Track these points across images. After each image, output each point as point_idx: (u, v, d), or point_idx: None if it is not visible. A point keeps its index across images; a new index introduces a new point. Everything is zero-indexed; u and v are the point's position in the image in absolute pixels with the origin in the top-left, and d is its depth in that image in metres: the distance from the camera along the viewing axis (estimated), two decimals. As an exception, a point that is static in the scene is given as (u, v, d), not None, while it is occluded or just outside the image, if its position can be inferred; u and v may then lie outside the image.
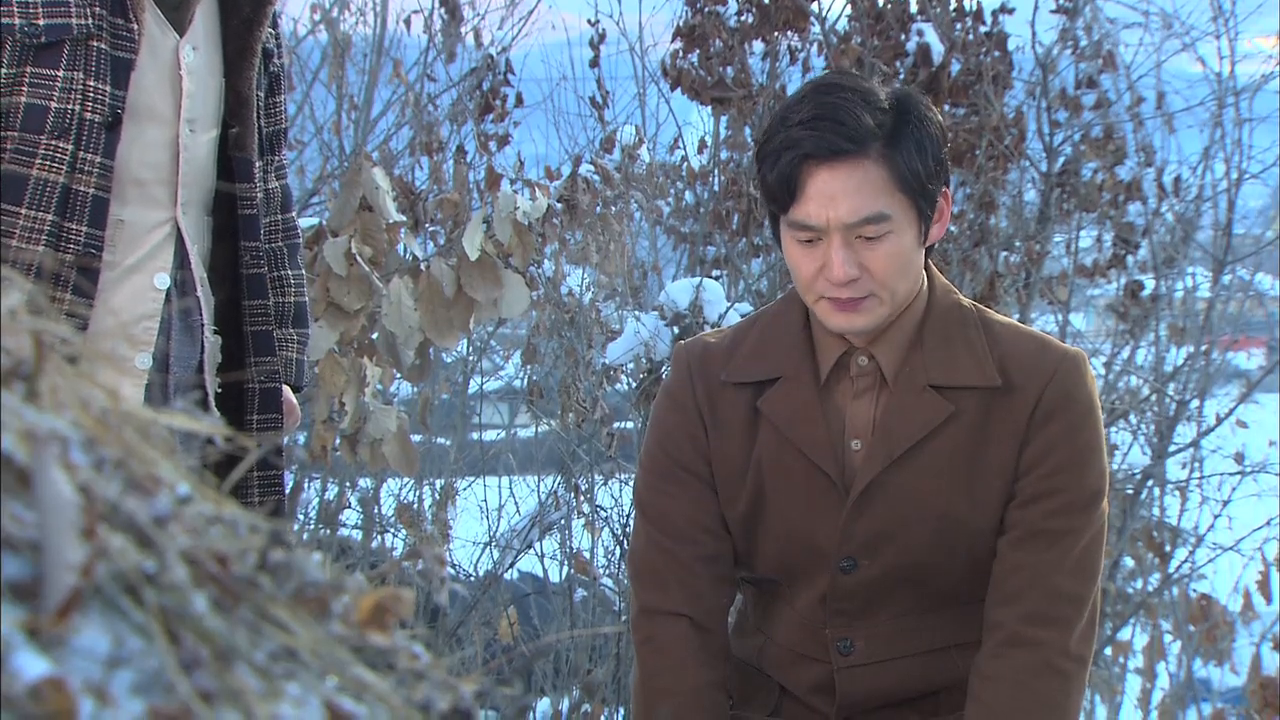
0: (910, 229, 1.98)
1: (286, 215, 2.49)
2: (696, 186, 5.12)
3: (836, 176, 1.94)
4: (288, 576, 0.67)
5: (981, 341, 2.05)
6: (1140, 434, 5.28)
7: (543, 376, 5.16)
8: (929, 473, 2.02)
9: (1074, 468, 2.01)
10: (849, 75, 2.13)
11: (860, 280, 1.96)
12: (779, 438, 2.08)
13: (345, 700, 0.64)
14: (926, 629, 2.09)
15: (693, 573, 2.11)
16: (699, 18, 5.04)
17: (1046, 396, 2.01)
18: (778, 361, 2.10)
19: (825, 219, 1.94)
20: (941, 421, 2.02)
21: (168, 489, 0.66)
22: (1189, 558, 5.13)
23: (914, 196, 1.97)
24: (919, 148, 1.97)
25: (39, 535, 0.59)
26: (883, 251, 1.96)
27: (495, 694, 0.76)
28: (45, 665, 0.54)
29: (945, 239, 4.96)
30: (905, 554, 2.05)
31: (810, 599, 2.12)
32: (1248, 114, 5.25)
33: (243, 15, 2.27)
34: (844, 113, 1.94)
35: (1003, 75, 4.89)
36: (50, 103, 2.07)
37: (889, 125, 1.96)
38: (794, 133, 1.95)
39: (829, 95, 1.97)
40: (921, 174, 1.97)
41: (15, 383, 0.64)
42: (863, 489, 2.03)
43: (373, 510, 5.23)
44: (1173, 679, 5.06)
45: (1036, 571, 2.00)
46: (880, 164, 1.95)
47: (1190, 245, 5.42)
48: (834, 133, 1.93)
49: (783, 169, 1.96)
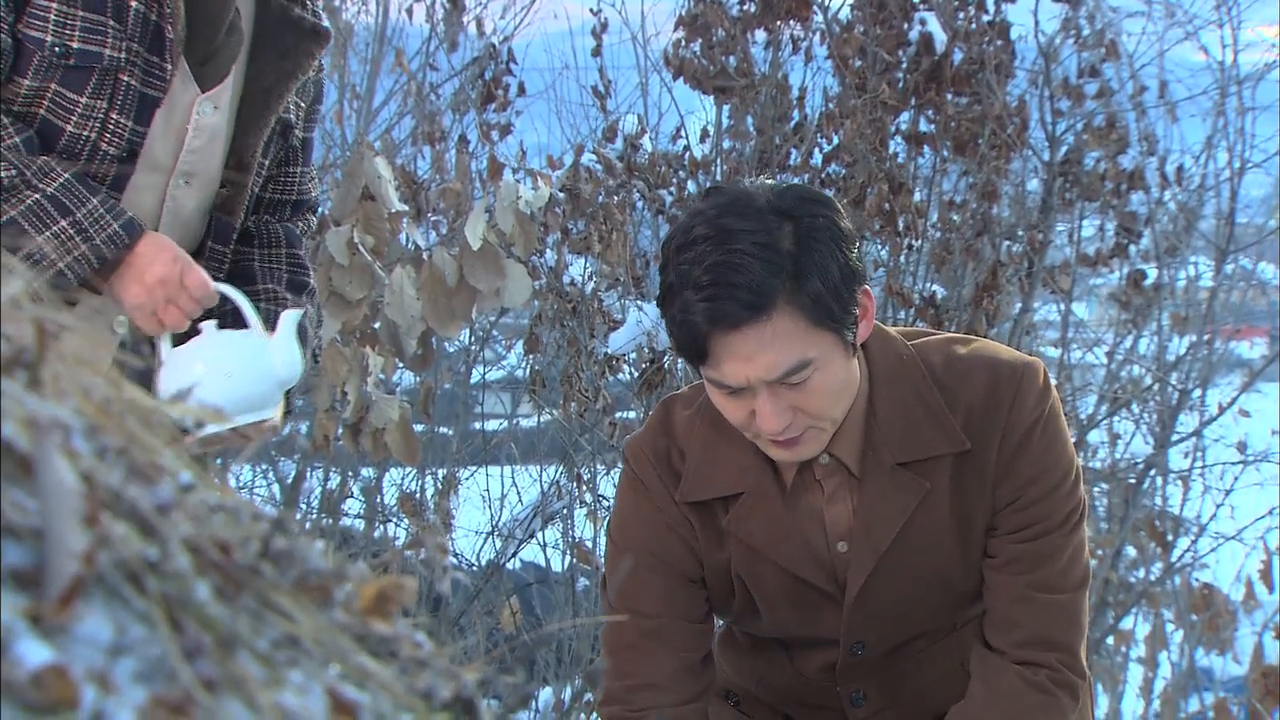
0: (836, 355, 1.83)
1: (298, 284, 2.41)
2: (699, 176, 5.11)
3: (746, 340, 1.77)
4: (290, 564, 0.67)
5: (937, 401, 1.94)
6: (1142, 423, 5.28)
7: (545, 366, 5.15)
8: (919, 552, 1.97)
9: (1046, 497, 1.95)
10: (737, 203, 1.82)
11: (795, 421, 1.84)
12: (754, 554, 2.00)
13: (348, 688, 0.64)
14: (938, 666, 2.10)
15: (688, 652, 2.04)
16: (701, 6, 5.04)
17: (1008, 435, 1.93)
18: (735, 477, 1.99)
19: (744, 378, 1.80)
20: (919, 501, 1.95)
21: (170, 477, 0.66)
22: (1191, 547, 5.13)
23: (832, 328, 1.81)
24: (824, 273, 1.79)
25: (41, 523, 0.59)
26: (812, 389, 1.82)
27: (498, 682, 0.76)
28: (47, 653, 0.54)
29: (948, 229, 4.97)
30: (914, 625, 2.04)
31: (815, 665, 2.10)
32: (1250, 103, 5.25)
33: (264, 83, 2.24)
34: (739, 273, 1.76)
35: (1005, 64, 4.88)
36: (66, 125, 2.04)
37: (790, 267, 1.77)
38: (690, 301, 1.78)
39: (720, 249, 1.78)
40: (833, 302, 1.80)
41: (17, 370, 0.64)
42: (859, 589, 1.98)
43: (375, 499, 5.24)
44: (1175, 668, 5.06)
45: (1022, 594, 1.96)
46: (789, 314, 1.78)
47: (1193, 234, 5.42)
48: (733, 300, 1.76)
49: (687, 337, 1.81)
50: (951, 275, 4.75)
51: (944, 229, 4.95)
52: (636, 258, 5.00)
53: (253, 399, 2.13)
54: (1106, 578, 5.00)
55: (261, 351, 2.16)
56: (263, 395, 2.15)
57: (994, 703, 1.95)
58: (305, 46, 2.27)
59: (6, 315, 0.66)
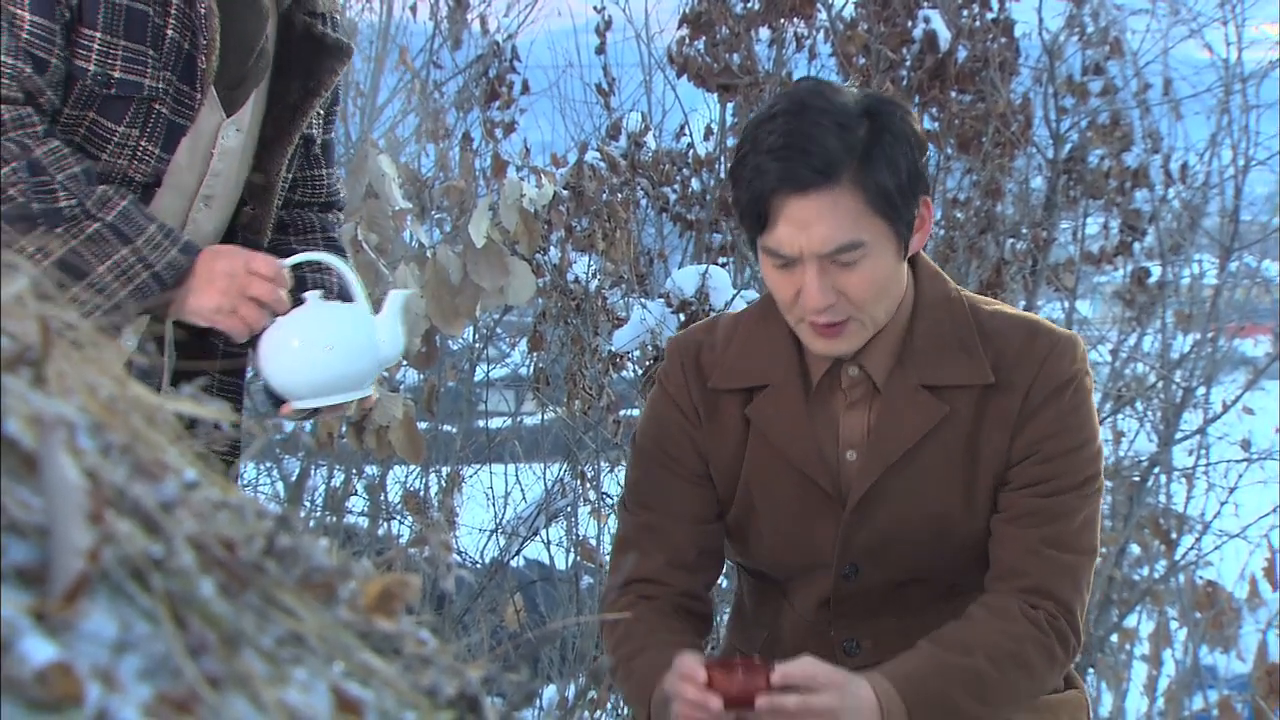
0: (888, 249, 1.92)
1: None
2: (703, 173, 5.11)
3: (808, 207, 1.87)
4: (294, 562, 0.68)
5: (973, 337, 2.01)
6: (1147, 421, 5.27)
7: (549, 363, 5.15)
8: (924, 477, 2.00)
9: (1065, 455, 1.99)
10: (822, 88, 1.97)
11: (838, 305, 1.92)
12: (769, 448, 2.05)
13: (352, 685, 0.64)
14: (934, 625, 2.07)
15: (680, 548, 2.08)
16: (705, 4, 5.04)
17: (1036, 387, 1.98)
18: (766, 367, 2.06)
19: (798, 248, 1.89)
20: (936, 424, 1.99)
21: (174, 474, 0.66)
22: (1195, 545, 5.13)
23: (889, 219, 1.90)
24: (892, 166, 1.89)
25: (46, 520, 0.59)
26: (859, 276, 1.91)
27: (502, 680, 0.76)
28: (52, 650, 0.55)
29: (951, 226, 4.97)
30: (907, 557, 2.04)
31: (810, 601, 2.09)
32: (1255, 100, 5.25)
33: (289, 101, 2.22)
34: (813, 141, 1.87)
35: (1009, 62, 4.88)
36: (101, 154, 2.04)
37: (861, 147, 1.88)
38: (763, 161, 1.89)
39: (799, 119, 1.89)
40: (896, 195, 1.90)
41: (22, 368, 0.64)
42: (860, 498, 2.01)
43: (379, 497, 5.23)
44: (1179, 666, 5.06)
45: (1031, 546, 1.97)
46: (853, 190, 1.88)
47: (1197, 232, 5.41)
48: (803, 164, 1.86)
49: (752, 197, 1.91)
50: (955, 273, 4.74)
51: (948, 227, 4.95)
52: (640, 255, 4.99)
53: (351, 375, 2.06)
54: (1110, 575, 5.00)
55: (365, 326, 2.09)
56: (361, 372, 2.08)
57: (988, 621, 1.95)
58: (329, 64, 2.26)
59: (12, 313, 0.66)
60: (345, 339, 2.06)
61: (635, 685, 2.03)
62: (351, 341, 2.06)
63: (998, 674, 1.92)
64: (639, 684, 2.00)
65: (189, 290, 2.05)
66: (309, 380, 2.07)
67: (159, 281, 2.01)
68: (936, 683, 1.90)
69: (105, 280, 1.96)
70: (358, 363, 2.07)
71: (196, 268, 2.04)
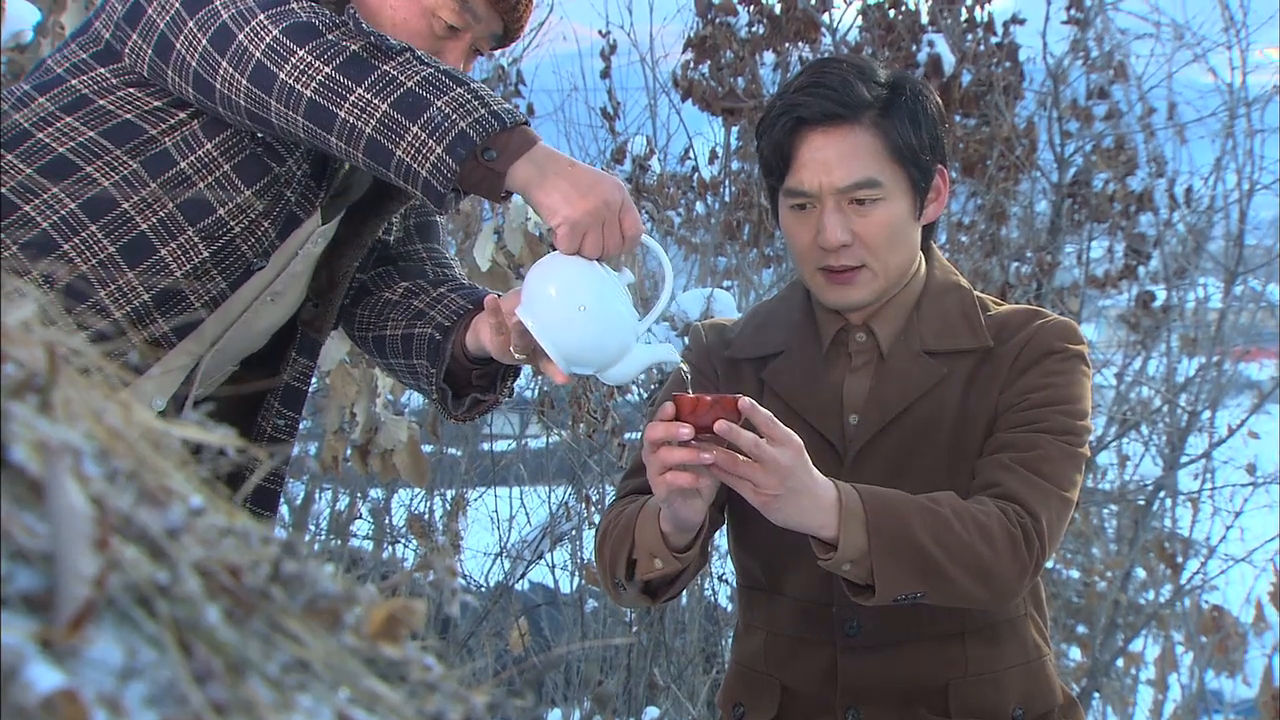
0: (903, 199, 2.03)
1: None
2: (707, 197, 5.13)
3: (830, 141, 2.00)
4: (300, 588, 0.68)
5: (978, 316, 2.09)
6: (1152, 445, 5.28)
7: (553, 387, 5.16)
8: (921, 429, 2.04)
9: (1049, 405, 2.00)
10: (852, 57, 2.17)
11: (852, 248, 2.01)
12: (784, 409, 2.05)
13: (358, 712, 0.64)
14: (936, 611, 2.05)
15: None
16: (710, 29, 5.06)
17: (1028, 348, 2.04)
18: (780, 337, 2.15)
19: (818, 184, 2.00)
20: (934, 384, 2.05)
21: (180, 501, 0.66)
22: (1201, 569, 5.13)
23: (907, 167, 2.02)
24: (913, 121, 2.02)
25: (52, 547, 0.59)
26: (874, 219, 2.01)
27: (506, 705, 0.76)
28: (58, 677, 0.55)
29: (956, 249, 4.97)
30: None
31: (811, 578, 2.07)
32: (1259, 125, 5.26)
33: (364, 207, 2.17)
34: (840, 81, 2.00)
35: (1014, 86, 4.90)
36: (220, 209, 1.97)
37: (884, 97, 2.02)
38: (790, 98, 2.02)
39: (827, 67, 2.05)
40: (915, 145, 2.02)
41: (28, 394, 0.65)
42: (856, 454, 2.05)
43: (384, 521, 5.24)
44: (1184, 690, 5.05)
45: (1005, 464, 1.98)
46: (874, 132, 2.00)
47: (1202, 256, 5.42)
48: (829, 99, 1.99)
49: (778, 134, 2.02)
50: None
51: (952, 250, 4.95)
52: (645, 279, 5.00)
53: (598, 347, 1.83)
54: (1116, 599, 4.99)
55: (627, 302, 1.85)
56: (608, 349, 1.84)
57: (958, 498, 1.95)
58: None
59: (18, 339, 0.67)
60: (603, 303, 1.82)
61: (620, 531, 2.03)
62: (608, 310, 1.83)
63: (959, 525, 1.91)
64: (623, 529, 2.02)
65: (558, 177, 1.84)
66: (554, 337, 1.83)
67: (497, 119, 1.84)
68: (901, 506, 1.90)
69: (445, 112, 1.80)
70: (610, 337, 1.84)
71: (577, 171, 1.84)
